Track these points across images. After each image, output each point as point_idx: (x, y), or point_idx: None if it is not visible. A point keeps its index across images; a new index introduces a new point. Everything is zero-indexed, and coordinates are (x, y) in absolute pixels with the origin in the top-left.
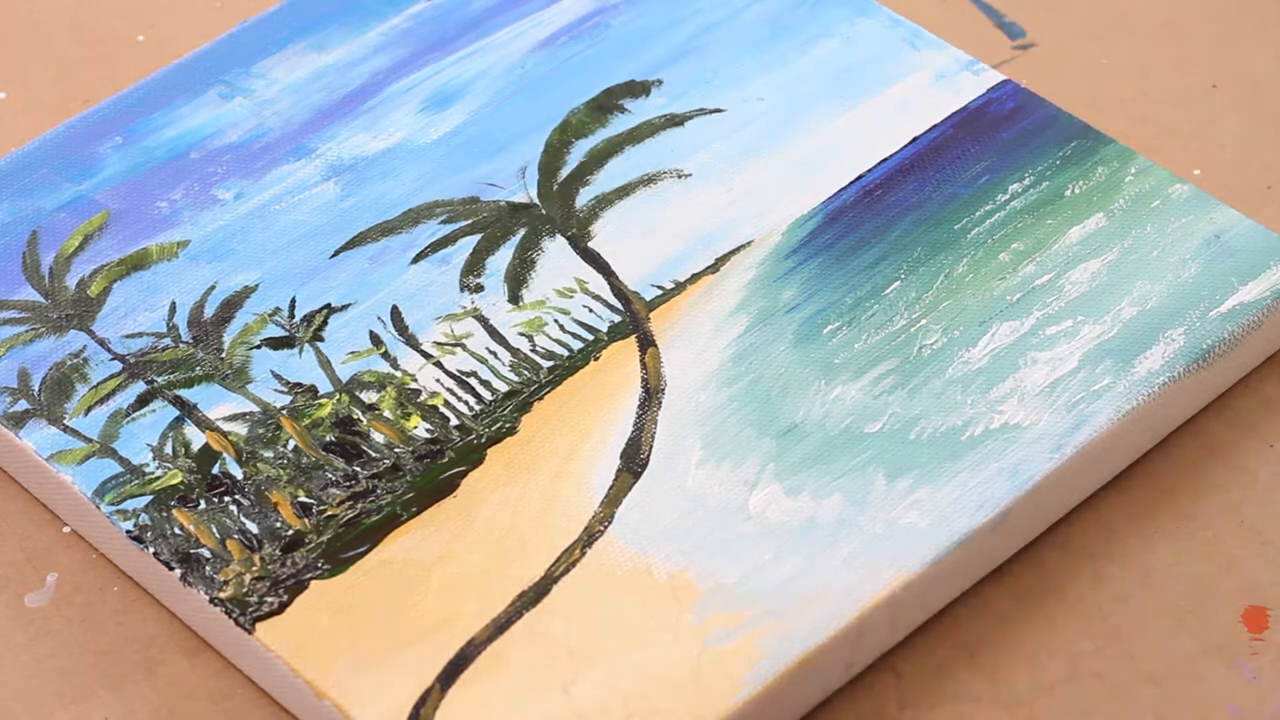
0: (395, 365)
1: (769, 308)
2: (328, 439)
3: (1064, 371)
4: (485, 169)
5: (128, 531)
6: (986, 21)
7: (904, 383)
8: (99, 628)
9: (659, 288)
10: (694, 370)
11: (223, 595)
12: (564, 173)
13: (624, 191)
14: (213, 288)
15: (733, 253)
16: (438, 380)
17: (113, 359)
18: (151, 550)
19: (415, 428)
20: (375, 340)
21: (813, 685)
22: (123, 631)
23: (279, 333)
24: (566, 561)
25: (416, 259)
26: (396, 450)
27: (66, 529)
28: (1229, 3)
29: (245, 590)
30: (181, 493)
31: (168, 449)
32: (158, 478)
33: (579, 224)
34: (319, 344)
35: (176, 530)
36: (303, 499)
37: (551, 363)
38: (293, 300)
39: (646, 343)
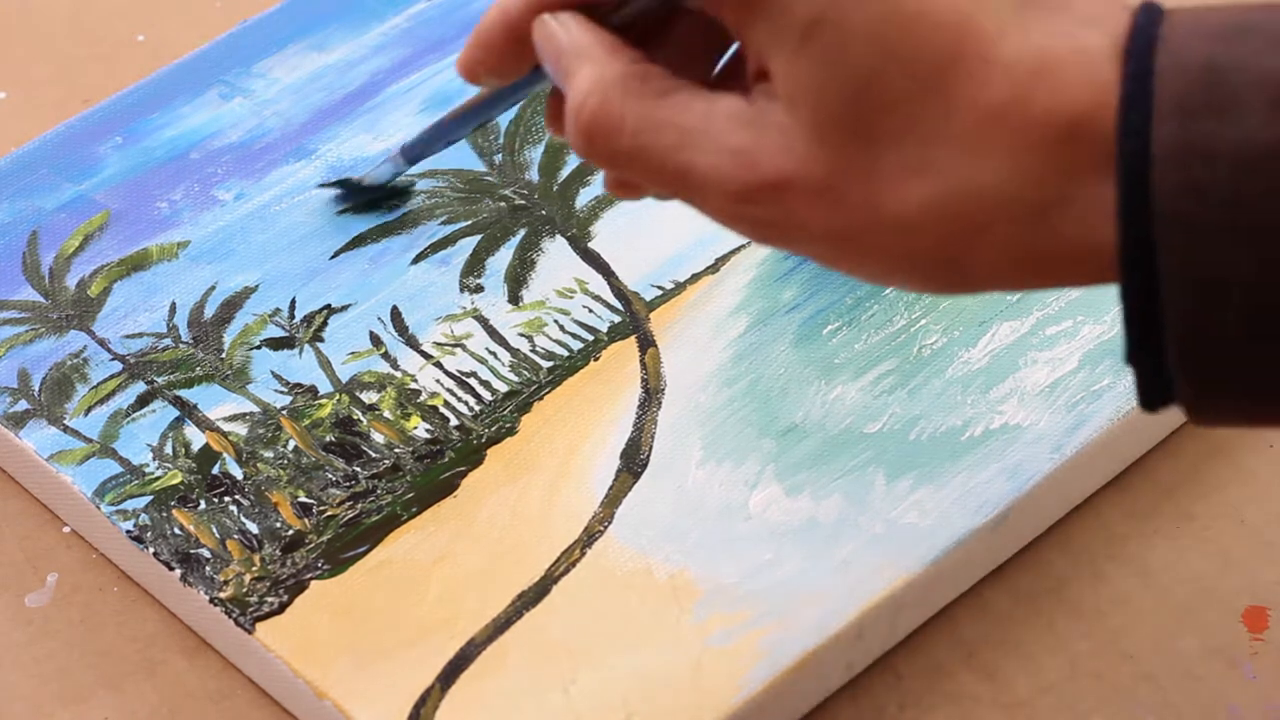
0: (395, 366)
1: (769, 308)
2: (328, 439)
3: (1064, 371)
4: (486, 169)
5: (128, 532)
6: None
7: (904, 383)
8: (99, 628)
9: (659, 288)
10: (694, 370)
11: (223, 595)
12: (564, 173)
13: None
14: (213, 288)
15: (733, 253)
16: (438, 381)
17: (113, 359)
18: (151, 550)
19: (415, 428)
20: (375, 341)
21: (813, 685)
22: (123, 631)
23: (279, 333)
24: (566, 561)
25: (416, 260)
26: (396, 450)
27: (66, 529)
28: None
29: (245, 590)
30: (181, 493)
31: (168, 449)
32: (158, 478)
33: (579, 224)
34: (319, 344)
35: (176, 530)
36: (303, 499)
37: (551, 363)
38: (293, 301)
39: (646, 343)
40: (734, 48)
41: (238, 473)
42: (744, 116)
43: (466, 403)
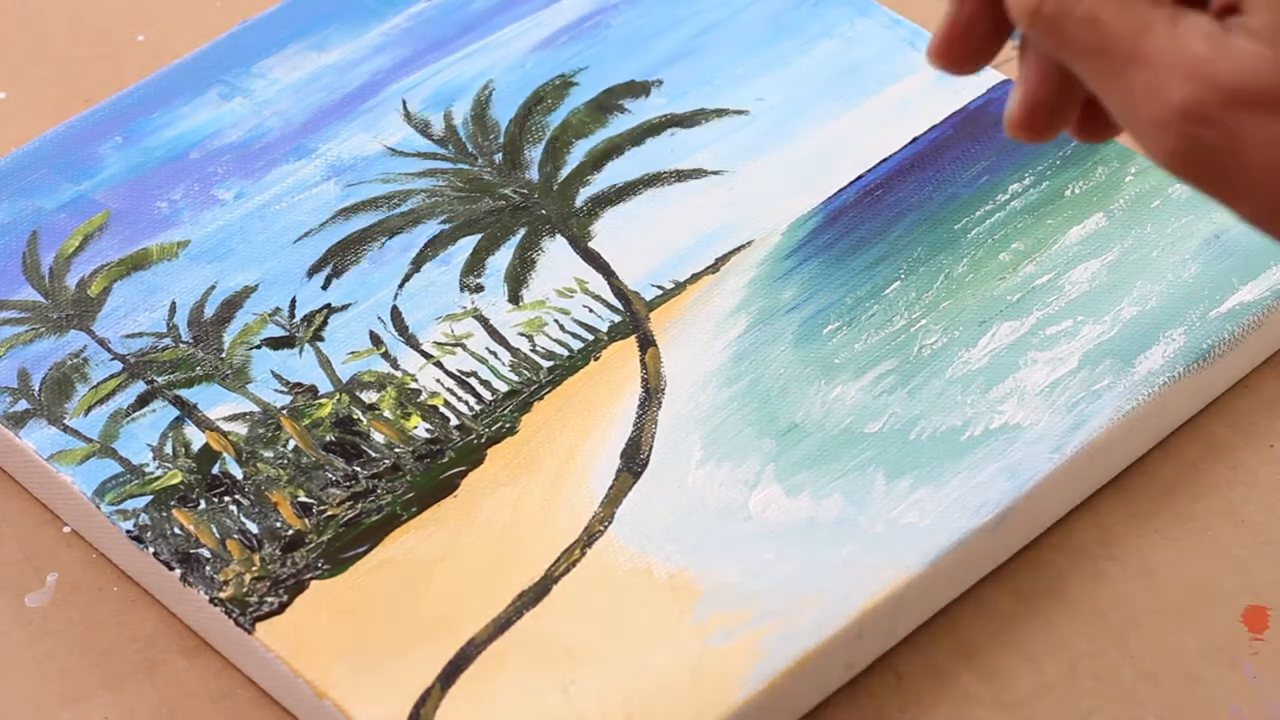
0: (395, 365)
1: (769, 308)
2: (328, 439)
3: (1064, 371)
4: (486, 169)
5: (128, 531)
6: None
7: (904, 383)
8: (99, 628)
9: (659, 288)
10: (694, 370)
11: (223, 595)
12: (564, 172)
13: (624, 191)
14: (213, 288)
15: (733, 253)
16: (438, 380)
17: (113, 359)
18: (151, 550)
19: (415, 428)
20: (375, 340)
21: (813, 685)
22: (123, 631)
23: (279, 333)
24: (566, 561)
25: (417, 259)
26: (396, 450)
27: (66, 529)
28: None
29: (245, 590)
30: (181, 493)
31: (168, 449)
32: (158, 478)
33: (579, 224)
34: (319, 344)
35: (176, 530)
36: (303, 499)
37: (551, 363)
38: (293, 300)
39: (646, 343)
40: None
41: (238, 472)
42: (1212, 33)
43: (467, 402)
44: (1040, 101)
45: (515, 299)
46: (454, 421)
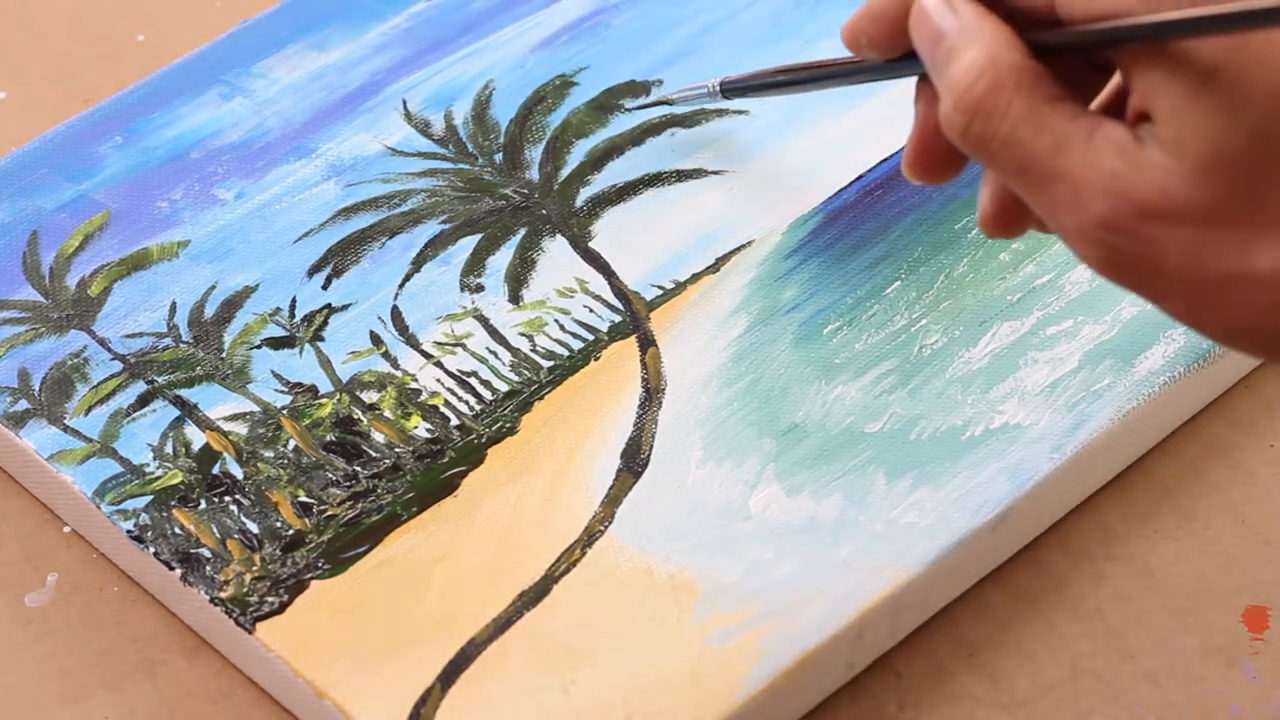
0: (395, 365)
1: (769, 307)
2: (328, 439)
3: (1064, 371)
4: (486, 169)
5: (128, 531)
6: None
7: (904, 382)
8: (99, 628)
9: (659, 287)
10: (694, 370)
11: (223, 595)
12: (564, 172)
13: (624, 191)
14: (213, 287)
15: (733, 252)
16: (438, 380)
17: (113, 359)
18: (152, 550)
19: (415, 427)
20: (375, 340)
21: (813, 685)
22: (123, 631)
23: (279, 332)
24: (567, 561)
25: (417, 259)
26: (397, 450)
27: (67, 529)
28: None
29: (245, 590)
30: (182, 492)
31: (168, 449)
32: (158, 477)
33: (579, 224)
34: (319, 344)
35: (177, 530)
36: (303, 499)
37: (552, 363)
38: (293, 300)
39: (647, 342)
40: (1110, 86)
41: (238, 472)
42: (1125, 146)
43: (467, 402)
44: (1009, 200)
45: (515, 299)
46: (454, 421)
